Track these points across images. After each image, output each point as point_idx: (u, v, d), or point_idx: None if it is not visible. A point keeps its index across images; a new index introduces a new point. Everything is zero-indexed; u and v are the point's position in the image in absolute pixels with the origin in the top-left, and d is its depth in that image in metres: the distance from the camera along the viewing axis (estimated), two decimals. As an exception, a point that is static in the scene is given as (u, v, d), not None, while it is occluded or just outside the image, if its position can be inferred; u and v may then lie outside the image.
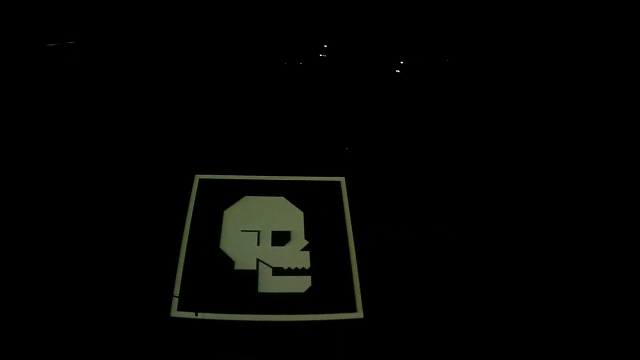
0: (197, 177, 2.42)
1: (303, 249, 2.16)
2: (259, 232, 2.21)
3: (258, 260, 2.10)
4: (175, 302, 1.95)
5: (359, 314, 1.96)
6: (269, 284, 2.03)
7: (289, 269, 2.08)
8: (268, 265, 2.08)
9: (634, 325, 1.92)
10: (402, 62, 2.86)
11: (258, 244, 2.16)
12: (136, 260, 2.08)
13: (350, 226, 2.24)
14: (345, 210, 2.32)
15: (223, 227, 2.22)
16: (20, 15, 2.73)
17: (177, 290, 2.00)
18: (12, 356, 1.75)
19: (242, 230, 2.21)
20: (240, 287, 2.03)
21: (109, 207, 2.32)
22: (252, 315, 1.92)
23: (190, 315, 1.90)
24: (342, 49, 2.89)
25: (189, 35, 2.90)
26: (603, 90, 2.80)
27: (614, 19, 2.69)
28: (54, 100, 2.71)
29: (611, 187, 2.44)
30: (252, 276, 2.05)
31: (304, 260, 2.12)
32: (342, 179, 2.46)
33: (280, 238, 2.19)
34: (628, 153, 2.57)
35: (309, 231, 2.23)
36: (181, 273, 2.05)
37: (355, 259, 2.14)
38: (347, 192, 2.41)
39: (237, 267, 2.08)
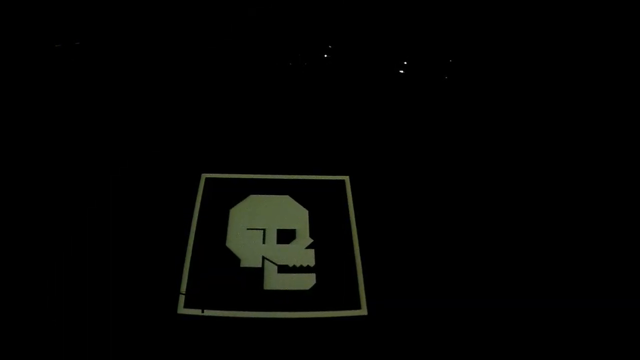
0: (204, 175, 2.44)
1: (308, 247, 2.17)
2: (264, 230, 2.22)
3: (263, 258, 2.11)
4: (182, 299, 1.97)
5: (362, 311, 1.97)
6: (274, 281, 2.04)
7: (294, 266, 2.09)
8: (273, 262, 2.09)
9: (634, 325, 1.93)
10: (405, 63, 2.87)
11: (264, 242, 2.17)
12: (144, 258, 2.11)
13: (355, 224, 2.25)
14: (349, 208, 2.34)
15: (229, 225, 2.23)
16: (25, 15, 2.76)
17: (183, 287, 2.01)
18: (16, 355, 1.77)
19: (248, 229, 2.22)
20: (246, 284, 2.04)
21: (115, 206, 2.34)
22: (257, 312, 1.94)
23: (197, 312, 1.91)
24: (346, 50, 2.90)
25: (193, 35, 2.92)
26: (610, 94, 2.80)
27: (615, 20, 2.69)
28: (60, 101, 2.74)
29: (611, 188, 2.44)
30: (257, 274, 2.06)
31: (308, 258, 2.13)
32: (346, 178, 2.47)
33: (286, 236, 2.20)
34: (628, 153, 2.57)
35: (314, 229, 2.24)
36: (188, 270, 2.07)
37: (359, 257, 2.14)
38: (352, 191, 2.43)
39: (243, 264, 2.09)
